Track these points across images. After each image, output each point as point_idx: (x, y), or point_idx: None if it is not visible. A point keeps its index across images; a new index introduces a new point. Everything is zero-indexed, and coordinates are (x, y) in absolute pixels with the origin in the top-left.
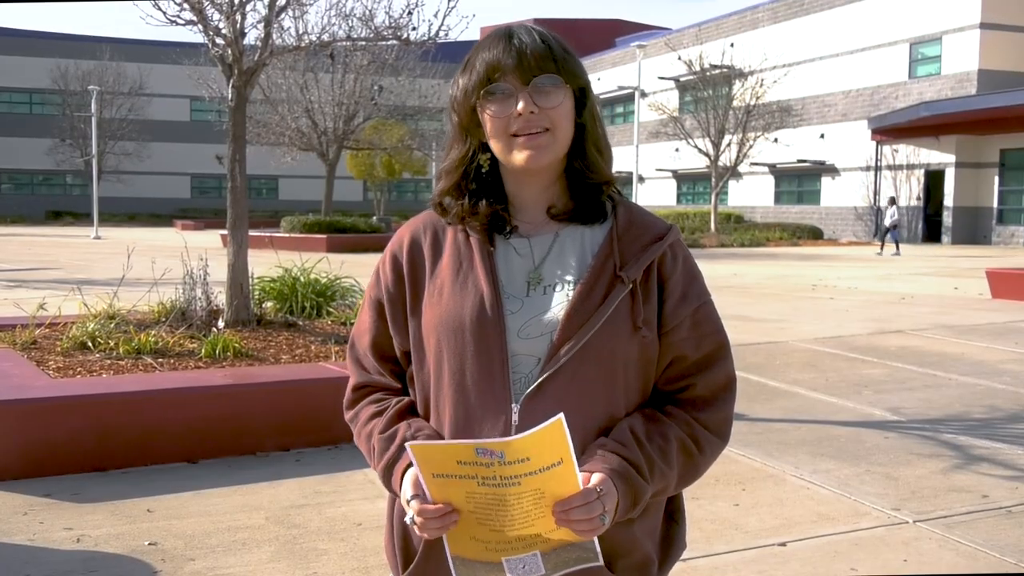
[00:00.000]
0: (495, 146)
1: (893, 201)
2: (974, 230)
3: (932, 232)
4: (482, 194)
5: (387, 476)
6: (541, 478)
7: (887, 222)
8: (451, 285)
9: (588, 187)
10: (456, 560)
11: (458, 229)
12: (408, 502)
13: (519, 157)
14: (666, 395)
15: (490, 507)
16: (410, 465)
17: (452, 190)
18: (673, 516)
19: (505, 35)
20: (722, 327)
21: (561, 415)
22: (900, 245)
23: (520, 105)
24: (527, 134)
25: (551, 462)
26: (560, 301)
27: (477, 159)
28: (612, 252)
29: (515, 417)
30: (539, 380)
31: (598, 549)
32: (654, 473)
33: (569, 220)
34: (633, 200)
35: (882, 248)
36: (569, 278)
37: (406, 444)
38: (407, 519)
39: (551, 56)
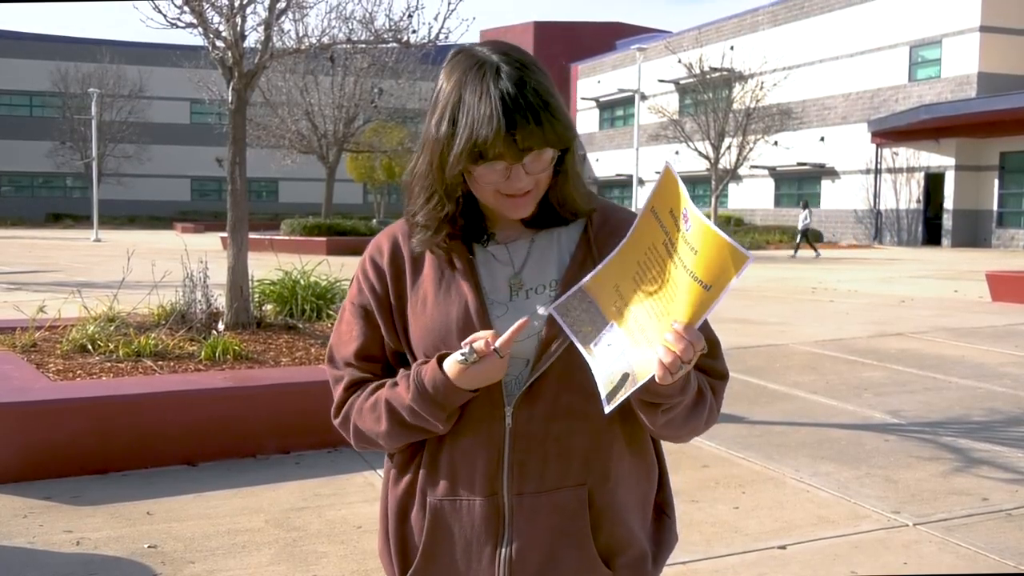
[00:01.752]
0: (479, 193)
1: (806, 204)
2: (974, 233)
3: (932, 235)
4: (457, 208)
5: (422, 385)
6: (687, 282)
7: (800, 226)
8: (434, 295)
9: (565, 221)
10: (580, 292)
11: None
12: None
13: (505, 210)
14: None
15: (650, 270)
16: (444, 356)
17: (425, 211)
18: (663, 509)
19: (497, 97)
20: (707, 320)
21: (751, 257)
22: (817, 247)
23: (511, 179)
24: (514, 196)
25: (705, 278)
26: (544, 303)
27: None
28: (590, 250)
29: (508, 420)
30: (530, 381)
31: (617, 404)
32: (693, 384)
33: (543, 226)
34: (633, 203)
35: (795, 251)
36: (550, 280)
37: (667, 161)
38: (470, 354)
39: (541, 130)
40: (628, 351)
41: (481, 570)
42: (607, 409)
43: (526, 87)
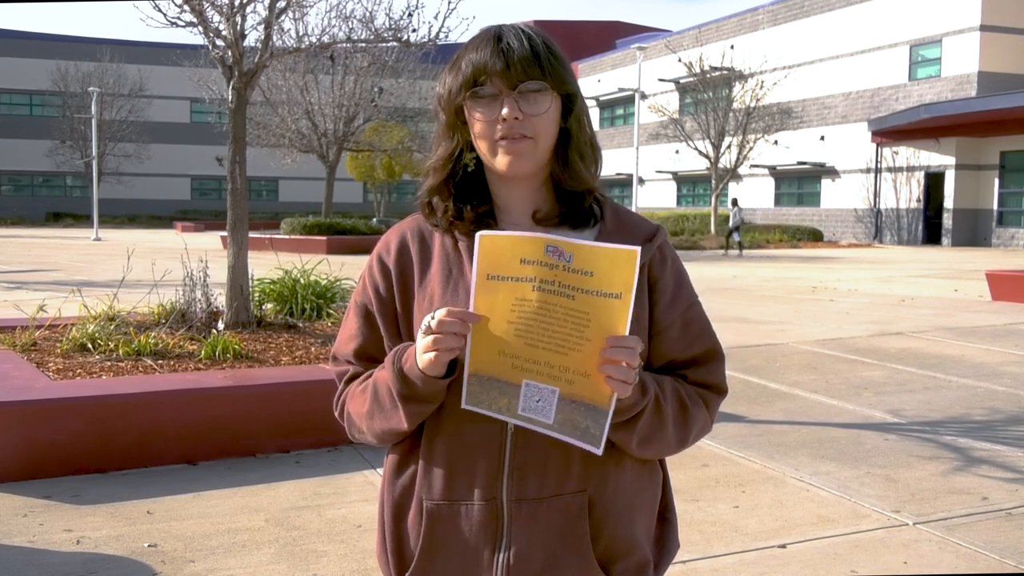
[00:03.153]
0: (480, 147)
1: (735, 203)
2: (974, 232)
3: (932, 234)
4: (467, 195)
5: (399, 365)
6: (595, 303)
7: (731, 223)
8: (441, 293)
9: (571, 193)
10: (472, 378)
11: (445, 235)
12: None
13: (501, 162)
14: None
15: (534, 318)
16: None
17: (439, 188)
18: (664, 515)
19: (494, 36)
20: (712, 331)
21: (639, 249)
22: (743, 247)
23: (505, 111)
24: (510, 139)
25: (612, 290)
26: None
27: (463, 158)
28: None
29: (511, 425)
30: None
31: (604, 435)
32: (652, 386)
33: (557, 225)
34: (633, 202)
35: (727, 249)
36: None
37: (477, 234)
38: (423, 326)
39: (538, 62)
40: (567, 393)
41: (479, 575)
42: (600, 450)
43: (527, 32)
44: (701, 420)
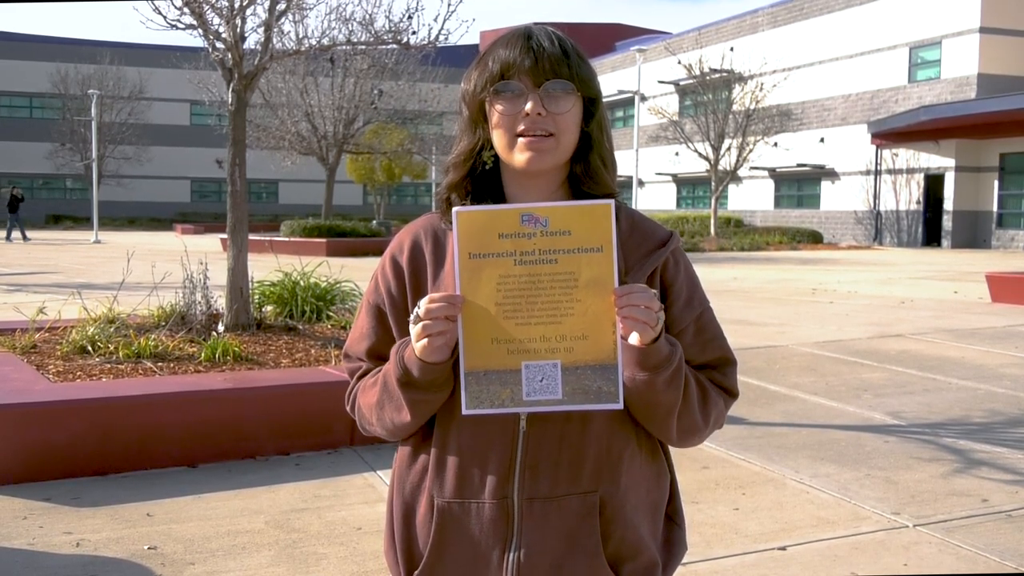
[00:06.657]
0: (498, 142)
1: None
2: (974, 234)
3: (932, 236)
4: (484, 193)
5: (401, 354)
6: (579, 260)
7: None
8: (454, 291)
9: (589, 196)
10: (469, 378)
11: None
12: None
13: (520, 158)
14: None
15: (521, 293)
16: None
17: (458, 185)
18: (672, 518)
19: (523, 35)
20: (724, 338)
21: (612, 201)
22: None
23: (528, 105)
24: (531, 135)
25: (592, 245)
26: None
27: (484, 155)
28: (619, 252)
29: (523, 424)
30: None
31: (620, 389)
32: (677, 345)
33: None
34: (633, 204)
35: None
36: None
37: (454, 209)
38: (411, 317)
39: (566, 62)
40: (569, 362)
41: (488, 574)
42: (620, 404)
43: (557, 34)
44: (719, 408)
